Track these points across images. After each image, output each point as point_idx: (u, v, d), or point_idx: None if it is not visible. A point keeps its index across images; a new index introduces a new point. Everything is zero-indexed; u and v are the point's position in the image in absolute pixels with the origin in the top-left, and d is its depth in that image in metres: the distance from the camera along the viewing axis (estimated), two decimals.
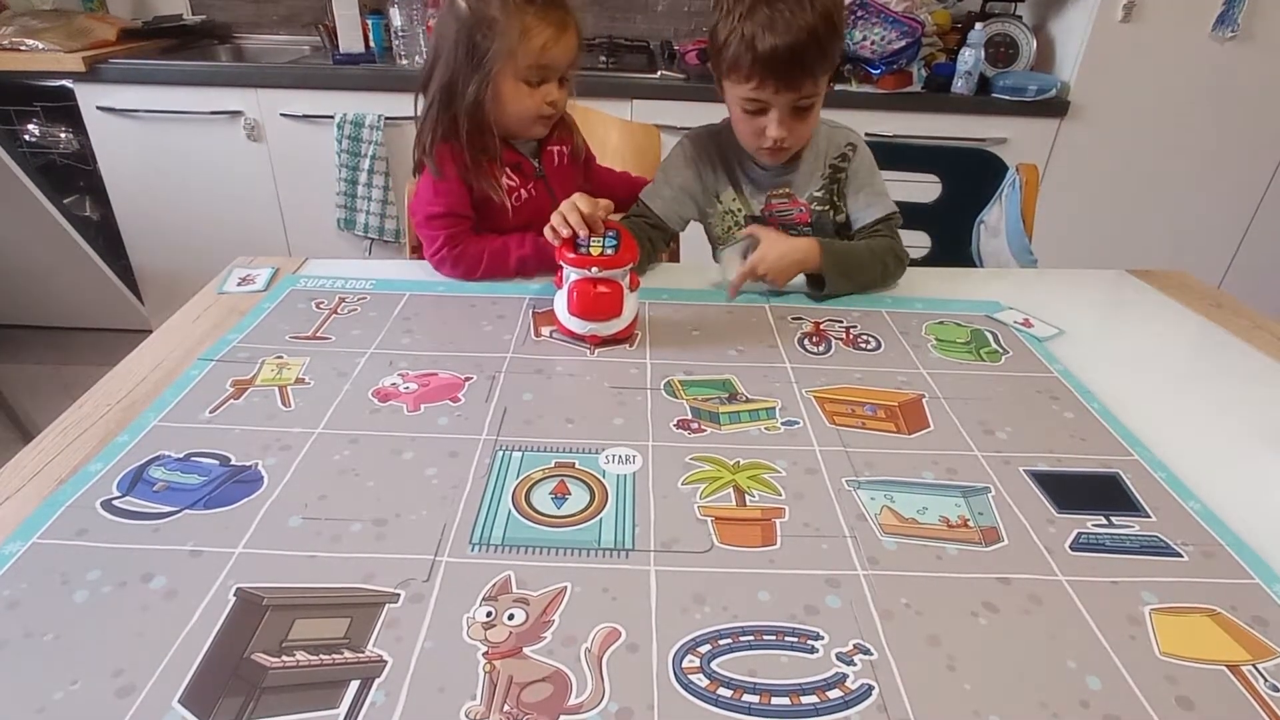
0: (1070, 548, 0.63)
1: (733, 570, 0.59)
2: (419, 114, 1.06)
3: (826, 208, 1.13)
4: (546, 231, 0.93)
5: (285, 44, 2.49)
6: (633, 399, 0.81)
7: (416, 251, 1.17)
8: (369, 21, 2.18)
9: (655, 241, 1.13)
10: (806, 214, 1.13)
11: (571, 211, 0.91)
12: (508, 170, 1.08)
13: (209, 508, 0.63)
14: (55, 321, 2.37)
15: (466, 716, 0.47)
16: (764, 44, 0.93)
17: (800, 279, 1.06)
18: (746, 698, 0.49)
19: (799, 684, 0.50)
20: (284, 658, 0.50)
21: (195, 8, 2.47)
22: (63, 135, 2.14)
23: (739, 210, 1.14)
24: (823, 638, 0.54)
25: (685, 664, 0.51)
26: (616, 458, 0.71)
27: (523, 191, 1.10)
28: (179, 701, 0.47)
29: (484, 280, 1.06)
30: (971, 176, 1.46)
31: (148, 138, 2.06)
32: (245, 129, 2.05)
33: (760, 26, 0.93)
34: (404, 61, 2.11)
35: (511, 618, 0.54)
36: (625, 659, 0.51)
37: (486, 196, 1.05)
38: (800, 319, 0.99)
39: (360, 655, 0.51)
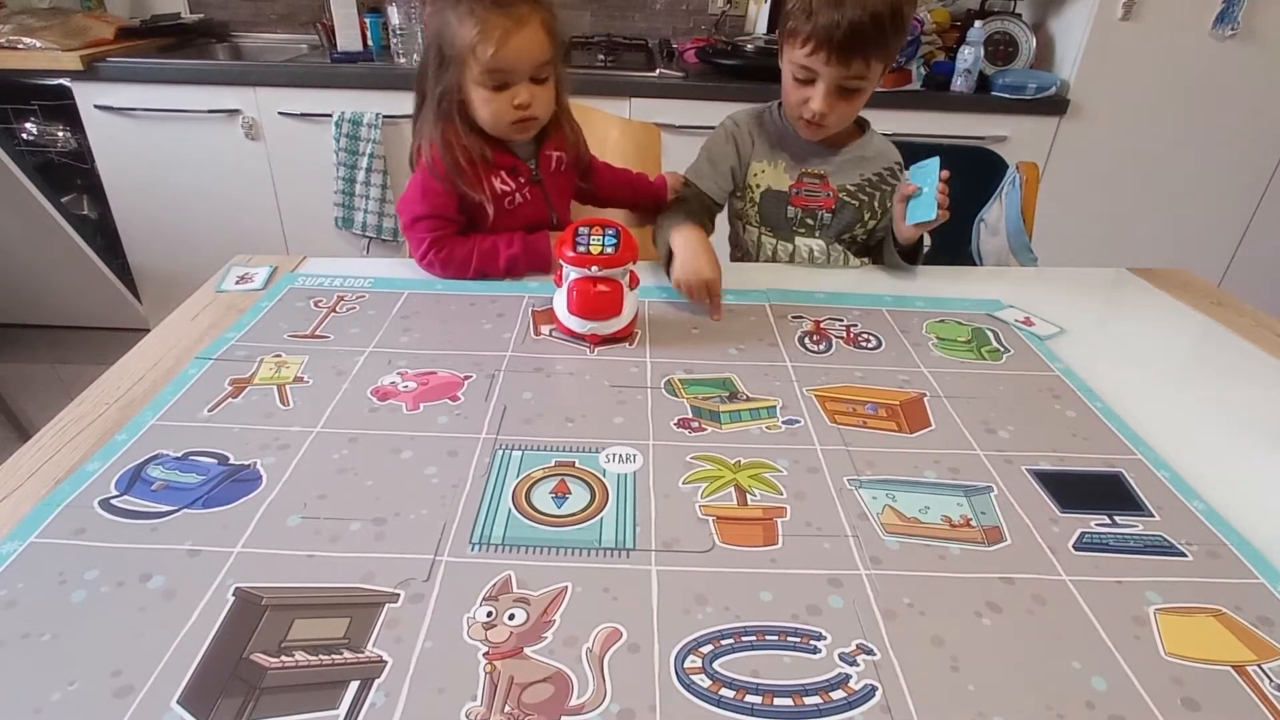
0: (1074, 547, 0.62)
1: (734, 570, 0.59)
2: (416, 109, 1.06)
3: (857, 204, 1.16)
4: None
5: (283, 42, 2.48)
6: (633, 398, 0.80)
7: None
8: (367, 20, 2.17)
9: (713, 213, 1.17)
10: (832, 200, 1.15)
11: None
12: (502, 173, 1.06)
13: (207, 507, 0.63)
14: (53, 320, 2.36)
15: (467, 717, 0.47)
16: (825, 17, 0.96)
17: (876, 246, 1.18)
18: (749, 698, 0.49)
19: (802, 685, 0.50)
20: (283, 658, 0.50)
21: (193, 6, 2.47)
22: (60, 134, 2.13)
23: (757, 186, 1.17)
24: (825, 638, 0.53)
25: (687, 664, 0.51)
26: (617, 457, 0.71)
27: (517, 195, 1.08)
28: (177, 702, 0.47)
29: (477, 279, 1.05)
30: (971, 174, 1.45)
31: (146, 136, 2.05)
32: (243, 127, 2.05)
33: (826, 1, 0.96)
34: (402, 60, 2.10)
35: (512, 618, 0.54)
36: (627, 659, 0.51)
37: (491, 195, 1.04)
38: (800, 317, 0.98)
39: (360, 655, 0.51)
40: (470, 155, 1.02)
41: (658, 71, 2.09)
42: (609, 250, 0.87)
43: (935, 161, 1.03)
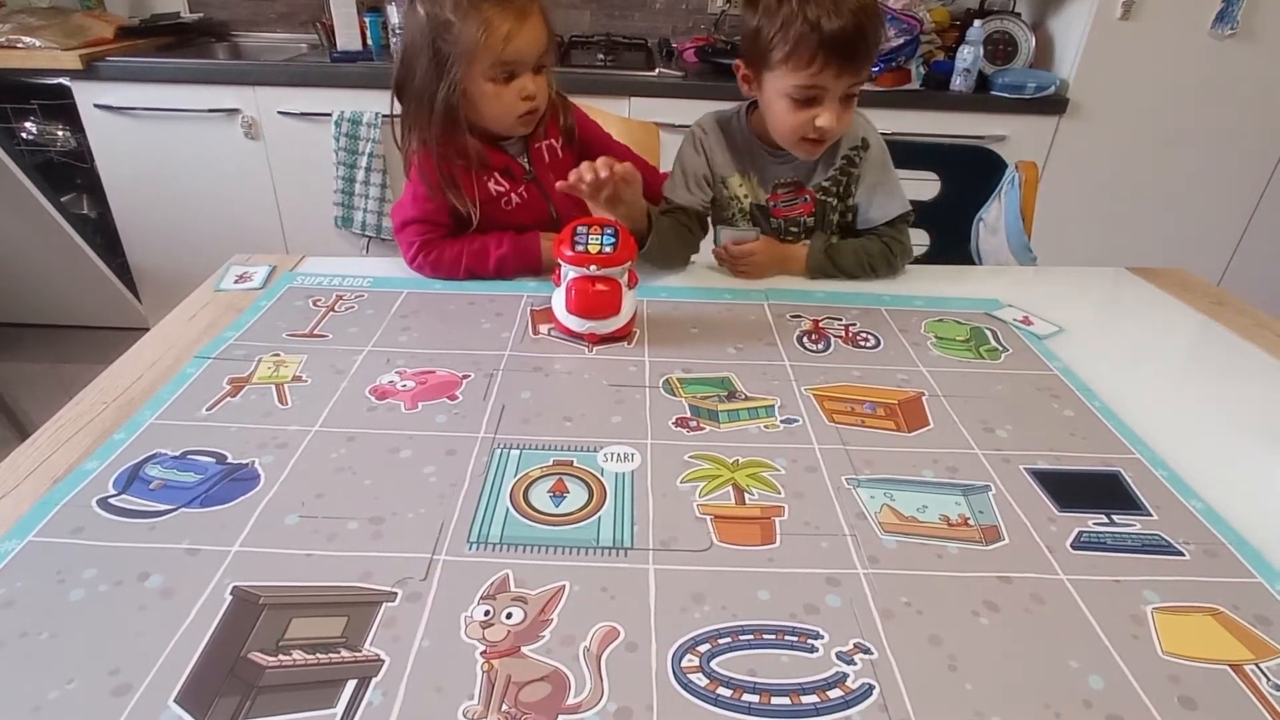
0: (1071, 546, 0.62)
1: (732, 569, 0.59)
2: (393, 114, 1.05)
3: (832, 199, 1.12)
4: (572, 175, 0.94)
5: (283, 42, 2.48)
6: (631, 397, 0.80)
7: None
8: (366, 19, 2.17)
9: (694, 230, 1.15)
10: (811, 204, 1.12)
11: (589, 171, 0.93)
12: (496, 175, 1.06)
13: (205, 506, 0.63)
14: (52, 319, 2.36)
15: (464, 716, 0.47)
16: (830, 25, 0.94)
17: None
18: (746, 697, 0.49)
19: (799, 683, 0.50)
20: (280, 657, 0.50)
21: (193, 5, 2.47)
22: (60, 133, 2.13)
23: (744, 196, 1.13)
24: (823, 637, 0.53)
25: (684, 663, 0.51)
26: (615, 456, 0.71)
27: (513, 196, 1.08)
28: (175, 701, 0.47)
29: (468, 280, 1.05)
30: (970, 174, 1.45)
31: (145, 135, 2.05)
32: (243, 127, 2.04)
33: (824, 10, 0.94)
34: None
35: (510, 617, 0.54)
36: (624, 658, 0.51)
37: (487, 198, 1.04)
38: (799, 317, 0.98)
39: (357, 654, 0.51)
40: (468, 159, 1.02)
41: (657, 71, 2.09)
42: (607, 249, 0.87)
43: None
